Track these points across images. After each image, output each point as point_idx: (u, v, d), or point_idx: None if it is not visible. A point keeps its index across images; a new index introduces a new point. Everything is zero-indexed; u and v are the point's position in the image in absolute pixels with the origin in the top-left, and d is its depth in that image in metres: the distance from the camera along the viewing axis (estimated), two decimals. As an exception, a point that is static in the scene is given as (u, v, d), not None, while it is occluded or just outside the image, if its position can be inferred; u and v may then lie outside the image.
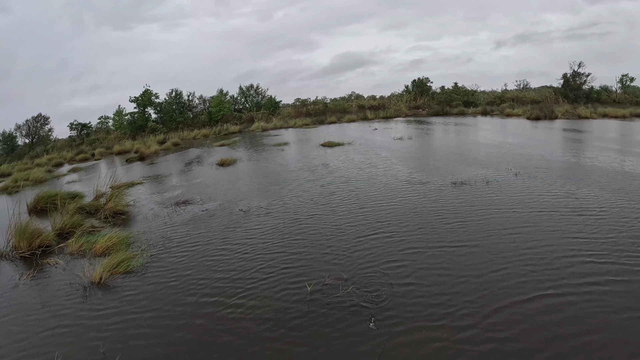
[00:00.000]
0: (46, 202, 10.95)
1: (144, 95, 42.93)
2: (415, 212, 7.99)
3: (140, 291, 5.51)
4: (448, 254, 5.96)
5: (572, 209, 7.57)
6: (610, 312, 4.22)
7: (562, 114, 30.41)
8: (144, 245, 7.34)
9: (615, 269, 5.14)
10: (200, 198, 10.75)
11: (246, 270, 5.91)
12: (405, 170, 12.24)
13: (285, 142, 23.38)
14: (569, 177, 10.02)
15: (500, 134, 21.00)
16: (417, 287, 5.04)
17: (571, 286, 4.78)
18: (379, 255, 6.06)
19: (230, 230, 7.82)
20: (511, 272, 5.26)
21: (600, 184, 9.27)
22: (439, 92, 47.16)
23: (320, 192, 10.27)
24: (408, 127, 27.77)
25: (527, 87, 52.46)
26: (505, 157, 13.45)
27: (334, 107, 47.22)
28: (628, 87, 43.38)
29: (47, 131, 45.82)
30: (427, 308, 4.56)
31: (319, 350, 3.98)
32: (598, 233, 6.33)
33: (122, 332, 4.53)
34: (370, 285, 5.13)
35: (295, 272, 5.72)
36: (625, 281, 4.82)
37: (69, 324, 4.81)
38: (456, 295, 4.80)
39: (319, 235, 7.19)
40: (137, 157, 24.20)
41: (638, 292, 4.55)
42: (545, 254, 5.70)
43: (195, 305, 5.01)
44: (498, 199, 8.45)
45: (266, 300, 4.98)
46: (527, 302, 4.50)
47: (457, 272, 5.36)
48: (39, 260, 7.01)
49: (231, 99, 48.25)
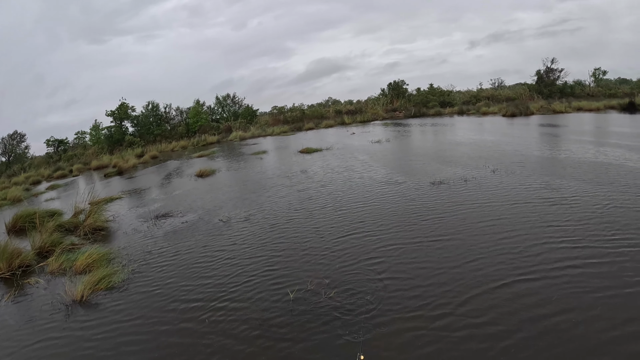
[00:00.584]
0: (25, 221, 10.87)
1: (120, 109, 42.61)
2: (393, 212, 8.20)
3: (122, 307, 5.58)
4: (425, 248, 6.22)
5: (546, 200, 7.92)
6: (581, 293, 4.50)
7: (537, 110, 30.99)
8: (124, 260, 7.38)
9: (586, 253, 5.45)
10: (180, 210, 10.80)
11: (228, 280, 6.00)
12: (383, 172, 12.45)
13: (263, 151, 23.47)
14: (544, 171, 10.38)
15: (477, 133, 21.37)
16: (395, 281, 5.25)
17: (543, 271, 5.07)
18: (357, 254, 6.26)
19: (210, 240, 7.91)
20: (486, 261, 5.54)
21: (574, 175, 9.65)
22: (415, 94, 47.60)
23: (299, 198, 10.41)
24: (385, 130, 28.05)
25: (502, 85, 53.22)
26: (483, 155, 13.76)
27: (311, 113, 47.39)
28: (601, 80, 44.40)
29: (24, 149, 45.18)
30: (405, 300, 4.77)
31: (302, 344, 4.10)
32: (570, 220, 6.67)
33: (105, 348, 4.61)
34: (349, 283, 5.26)
35: (276, 275, 5.83)
36: (596, 263, 5.12)
37: (52, 344, 4.86)
38: (433, 286, 5.04)
39: (298, 239, 7.34)
40: (115, 172, 24.05)
41: (608, 274, 4.84)
42: (519, 243, 6.02)
43: (178, 317, 5.09)
44: (475, 195, 8.71)
45: (249, 305, 5.07)
46: (501, 288, 4.78)
47: (434, 265, 5.62)
48: (20, 281, 7.01)
49: (208, 110, 48.12)
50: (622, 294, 4.38)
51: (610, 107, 29.22)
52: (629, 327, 3.83)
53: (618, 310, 4.12)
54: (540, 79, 42.81)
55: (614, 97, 35.89)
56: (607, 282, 4.64)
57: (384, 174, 12.02)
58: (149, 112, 44.75)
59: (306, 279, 5.64)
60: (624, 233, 5.95)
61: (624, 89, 39.51)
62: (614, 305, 4.21)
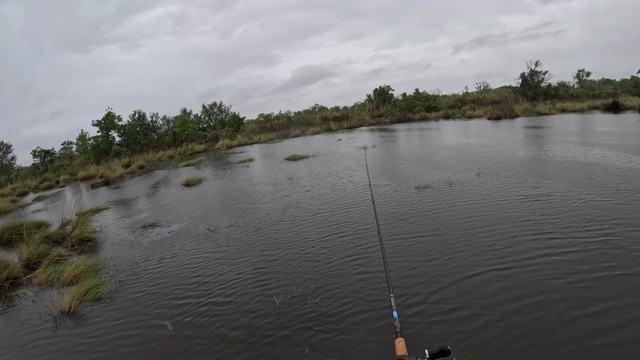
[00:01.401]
0: (12, 233, 10.91)
1: (106, 119, 42.53)
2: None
3: (110, 317, 5.67)
4: (404, 246, 6.44)
5: (526, 197, 8.30)
6: (549, 279, 4.81)
7: (522, 112, 31.52)
8: (111, 271, 7.46)
9: (557, 243, 5.79)
10: (167, 220, 10.89)
11: (216, 289, 6.11)
12: (368, 177, 12.52)
13: (250, 159, 23.59)
14: (526, 171, 10.73)
15: (463, 136, 21.71)
16: (374, 276, 5.48)
17: (515, 261, 5.42)
18: (341, 257, 6.44)
19: (197, 249, 8.01)
20: (461, 254, 5.86)
21: (554, 174, 10.08)
22: (401, 99, 48.09)
23: (284, 204, 10.56)
24: (372, 136, 28.30)
25: (487, 88, 53.95)
26: (468, 158, 14.02)
27: (297, 120, 47.71)
28: (585, 81, 45.26)
29: (10, 160, 44.99)
30: (382, 292, 5.01)
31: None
32: (546, 215, 7.05)
33: (93, 358, 4.68)
34: (334, 287, 5.40)
35: (262, 282, 5.95)
36: (565, 252, 5.47)
37: (40, 354, 4.94)
38: (409, 279, 5.30)
39: (284, 245, 7.49)
40: (102, 182, 24.03)
41: (576, 261, 5.17)
42: (494, 237, 6.38)
43: (161, 335, 5.15)
44: (458, 197, 8.98)
45: (236, 314, 5.19)
46: (472, 277, 5.10)
47: (411, 260, 5.91)
48: (7, 293, 7.07)
49: (195, 118, 48.13)
50: (589, 278, 4.68)
51: (594, 108, 29.81)
52: (594, 307, 4.11)
53: (585, 291, 4.41)
54: (525, 81, 43.41)
55: (597, 97, 36.60)
56: (575, 268, 4.96)
57: (370, 180, 12.14)
58: (135, 121, 44.71)
59: (292, 285, 5.77)
60: (596, 225, 6.30)
61: (607, 90, 40.19)
62: (581, 287, 4.50)
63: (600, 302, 4.15)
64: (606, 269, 4.85)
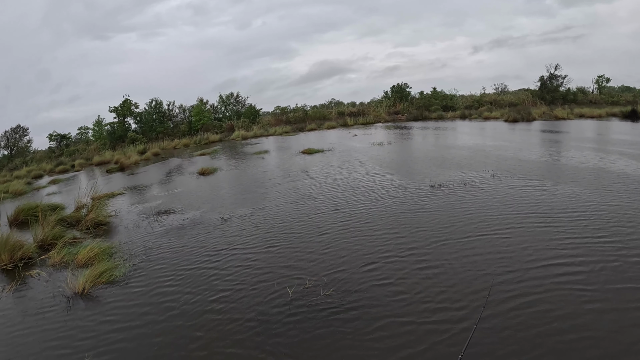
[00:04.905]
0: (27, 215, 10.96)
1: (123, 105, 42.65)
2: (392, 213, 8.21)
3: (123, 299, 5.64)
4: (422, 247, 6.19)
5: (539, 203, 8.02)
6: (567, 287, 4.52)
7: (539, 116, 31.05)
8: (126, 255, 7.45)
9: (572, 249, 5.46)
10: (181, 207, 10.87)
11: (229, 277, 6.06)
12: (384, 174, 12.48)
13: (265, 150, 23.50)
14: (544, 175, 10.42)
15: (479, 137, 21.43)
16: (388, 274, 5.28)
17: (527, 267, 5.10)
18: (355, 252, 6.29)
19: (211, 237, 7.96)
20: (480, 258, 5.55)
21: (568, 179, 9.79)
22: (418, 98, 47.66)
23: (298, 197, 10.46)
24: (387, 133, 28.10)
25: (505, 90, 53.22)
26: (483, 159, 13.77)
27: (313, 114, 47.44)
28: (604, 87, 44.46)
29: (26, 142, 45.26)
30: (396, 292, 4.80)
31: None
32: (556, 217, 6.69)
33: (107, 340, 4.67)
34: (346, 281, 5.32)
35: (275, 272, 5.89)
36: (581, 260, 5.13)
37: (53, 334, 4.93)
38: (424, 280, 5.06)
39: (297, 237, 7.40)
40: (117, 168, 24.15)
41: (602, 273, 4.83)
42: (508, 239, 6.06)
43: (178, 312, 5.14)
44: (473, 199, 8.72)
45: (247, 303, 5.14)
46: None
47: (429, 263, 5.62)
48: (21, 273, 7.08)
49: (211, 108, 48.15)
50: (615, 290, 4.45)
51: (613, 115, 29.31)
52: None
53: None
54: (544, 85, 42.76)
55: (616, 104, 35.98)
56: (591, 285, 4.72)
57: (385, 177, 12.04)
58: (152, 109, 44.78)
59: (305, 276, 5.71)
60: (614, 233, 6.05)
61: (626, 97, 39.59)
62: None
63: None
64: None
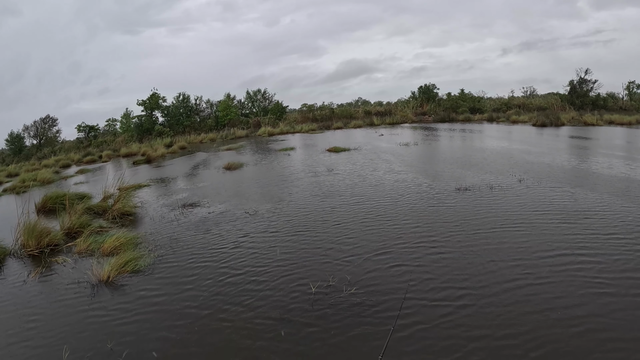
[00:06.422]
0: (54, 202, 11.06)
1: (151, 99, 43.12)
2: (419, 214, 8.03)
3: (148, 289, 5.58)
4: (450, 251, 6.00)
5: (564, 210, 7.79)
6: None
7: (568, 121, 30.33)
8: (151, 245, 7.41)
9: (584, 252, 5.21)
10: (207, 201, 10.83)
11: (253, 270, 5.96)
12: (410, 175, 12.24)
13: (291, 147, 23.43)
14: (571, 182, 10.03)
15: (506, 141, 20.96)
16: (413, 276, 5.11)
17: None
18: (379, 251, 6.14)
19: (237, 232, 7.87)
20: (504, 264, 5.39)
21: (594, 186, 9.48)
22: (445, 99, 47.14)
23: (324, 195, 10.33)
24: (414, 133, 27.80)
25: (534, 93, 52.24)
26: (510, 163, 13.43)
27: (340, 112, 47.34)
28: (635, 94, 43.17)
29: (55, 133, 46.14)
30: (431, 293, 4.62)
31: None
32: (582, 223, 6.41)
33: (130, 328, 4.60)
34: (371, 280, 5.19)
35: (299, 268, 5.79)
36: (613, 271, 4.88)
37: (77, 320, 4.89)
38: (454, 281, 4.87)
39: (322, 234, 7.29)
40: (144, 160, 24.38)
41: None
42: (533, 247, 6.00)
43: (202, 304, 5.06)
44: (499, 203, 8.46)
45: (271, 300, 5.04)
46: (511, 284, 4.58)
47: (456, 263, 5.43)
48: (47, 259, 7.10)
49: (238, 104, 48.38)
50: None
51: (643, 122, 28.56)
52: None
53: None
54: (573, 89, 41.75)
55: (647, 111, 35.02)
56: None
57: (412, 178, 11.79)
58: (179, 103, 45.21)
59: (329, 273, 5.61)
60: None
61: (658, 104, 38.56)
62: None
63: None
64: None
